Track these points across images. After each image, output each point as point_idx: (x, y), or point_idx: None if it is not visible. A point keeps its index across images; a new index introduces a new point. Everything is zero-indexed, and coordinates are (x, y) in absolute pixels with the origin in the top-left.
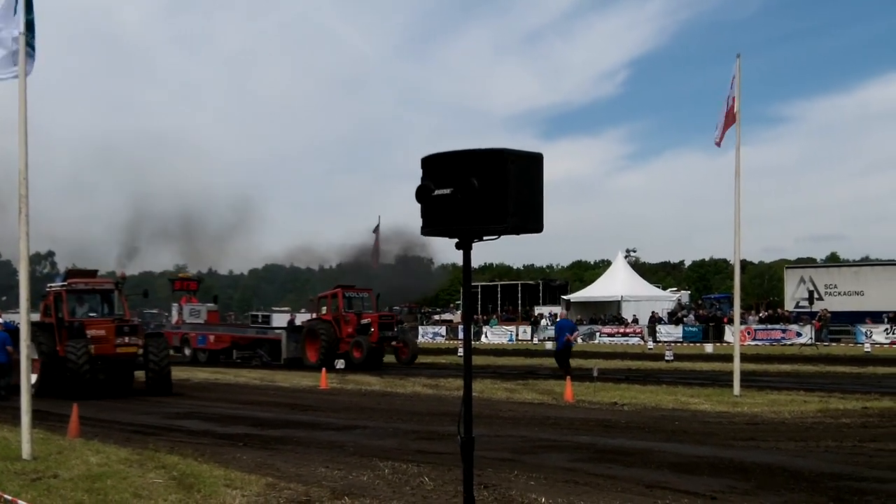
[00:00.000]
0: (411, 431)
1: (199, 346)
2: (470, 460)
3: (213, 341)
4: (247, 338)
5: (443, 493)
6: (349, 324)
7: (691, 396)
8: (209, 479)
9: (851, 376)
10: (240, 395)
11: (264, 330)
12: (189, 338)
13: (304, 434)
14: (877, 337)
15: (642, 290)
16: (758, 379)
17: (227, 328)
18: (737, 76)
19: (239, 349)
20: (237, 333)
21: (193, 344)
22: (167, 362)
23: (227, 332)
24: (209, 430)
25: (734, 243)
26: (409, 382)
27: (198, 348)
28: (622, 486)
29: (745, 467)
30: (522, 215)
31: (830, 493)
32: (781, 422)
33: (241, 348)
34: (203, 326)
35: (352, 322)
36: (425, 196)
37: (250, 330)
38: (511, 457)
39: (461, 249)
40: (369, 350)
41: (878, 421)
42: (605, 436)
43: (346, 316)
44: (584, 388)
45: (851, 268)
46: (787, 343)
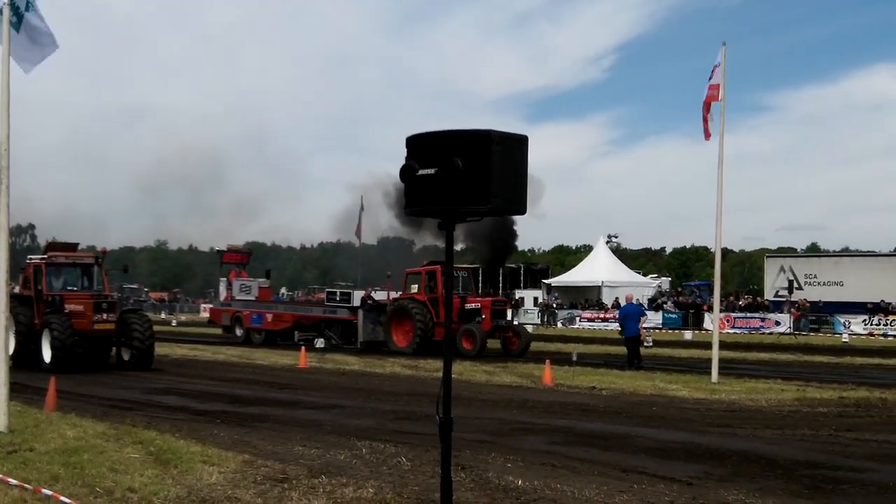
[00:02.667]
0: (390, 411)
1: (253, 326)
2: (448, 441)
3: (270, 320)
4: (312, 317)
5: (420, 473)
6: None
7: (669, 383)
8: (186, 455)
9: (829, 366)
10: (219, 372)
11: (334, 309)
12: (242, 316)
13: (282, 412)
14: (855, 327)
15: (623, 276)
16: (736, 367)
17: (289, 306)
18: (722, 64)
19: (302, 330)
20: (301, 312)
21: (247, 323)
22: (152, 339)
23: (290, 310)
24: (187, 407)
25: (715, 231)
26: (389, 363)
27: (252, 328)
28: (599, 470)
29: (722, 454)
30: (506, 197)
31: (805, 481)
32: (758, 409)
33: (305, 329)
34: (260, 304)
35: (453, 306)
36: (409, 176)
37: (316, 308)
38: (489, 439)
39: (444, 230)
40: (482, 342)
41: (854, 410)
42: (582, 420)
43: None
44: (562, 372)
45: (831, 258)
46: (765, 332)
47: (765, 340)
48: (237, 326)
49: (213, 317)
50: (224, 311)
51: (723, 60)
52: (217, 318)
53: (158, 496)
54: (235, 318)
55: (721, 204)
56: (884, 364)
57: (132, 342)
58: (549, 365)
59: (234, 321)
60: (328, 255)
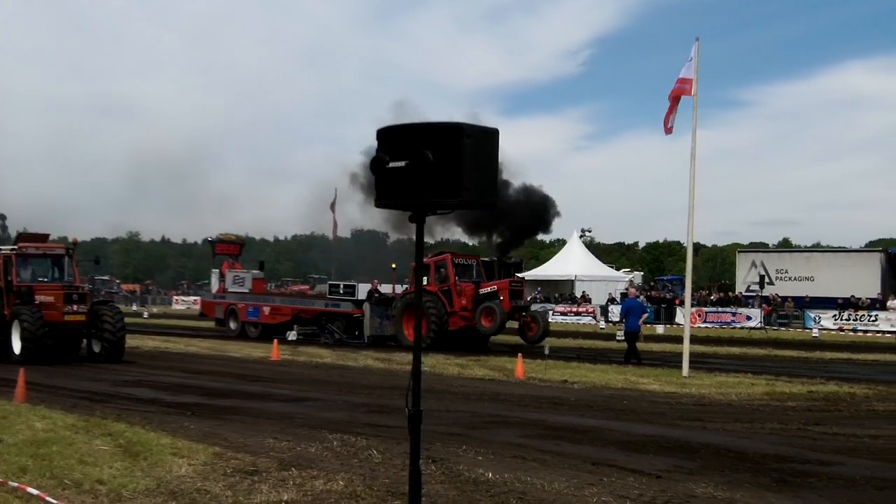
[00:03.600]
0: (362, 404)
1: (249, 319)
2: (417, 433)
3: (268, 314)
4: (312, 310)
5: (391, 465)
6: (463, 295)
7: (641, 376)
8: (156, 448)
9: (799, 360)
10: (190, 364)
11: (337, 302)
12: (237, 309)
13: (253, 405)
14: (825, 322)
15: (596, 270)
16: (707, 361)
17: (288, 298)
18: (695, 59)
19: (301, 324)
20: (301, 305)
21: (243, 316)
22: (123, 331)
23: (289, 303)
24: (158, 399)
25: (688, 226)
26: (362, 356)
27: (248, 321)
28: (569, 463)
29: (691, 447)
30: (477, 190)
31: (774, 475)
32: (728, 403)
33: (305, 323)
34: (256, 296)
35: (467, 293)
36: (380, 168)
37: (317, 302)
38: (460, 432)
39: (414, 223)
40: (502, 319)
41: (822, 405)
42: (554, 413)
43: (459, 286)
44: (534, 366)
45: (803, 253)
46: (737, 326)
47: (736, 335)
48: (231, 320)
49: (205, 310)
50: (217, 304)
51: (696, 55)
52: (209, 311)
53: (127, 488)
54: (230, 311)
55: (693, 199)
56: (853, 359)
57: (103, 334)
58: (522, 358)
59: (227, 314)
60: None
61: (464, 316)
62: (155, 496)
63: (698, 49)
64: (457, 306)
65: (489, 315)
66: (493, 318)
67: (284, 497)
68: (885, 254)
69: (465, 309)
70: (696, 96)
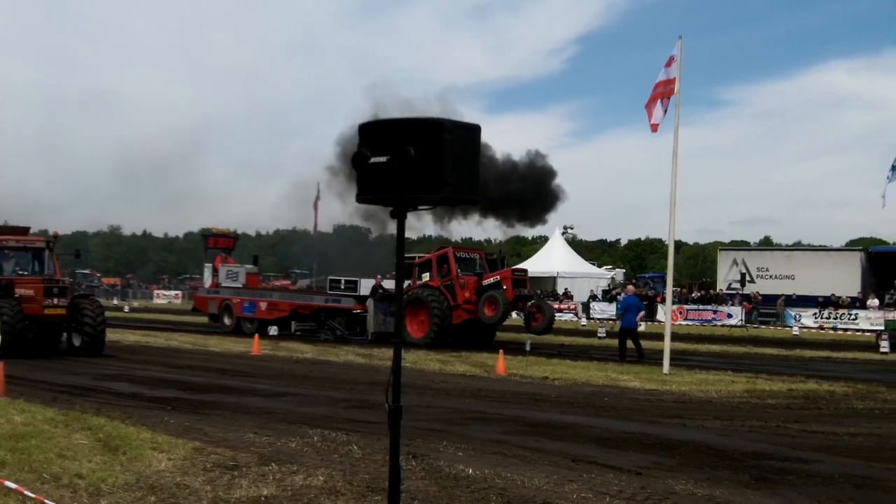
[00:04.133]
0: (343, 400)
1: (245, 315)
2: (397, 428)
3: (264, 309)
4: (311, 306)
5: (371, 461)
6: (467, 287)
7: (621, 373)
8: (135, 442)
9: (779, 358)
10: (171, 358)
11: (338, 298)
12: (231, 304)
13: (233, 399)
14: (805, 321)
15: (578, 267)
16: (687, 358)
17: (286, 294)
18: (678, 58)
19: (299, 320)
20: (299, 301)
21: (238, 311)
22: (103, 325)
23: (286, 298)
24: (138, 393)
25: (669, 224)
26: (343, 351)
27: (244, 317)
28: (549, 460)
29: (671, 444)
30: (458, 186)
31: (753, 472)
32: (708, 401)
33: (303, 319)
34: (253, 291)
35: (470, 286)
36: (361, 163)
37: (317, 297)
38: (441, 427)
39: (396, 218)
40: (506, 308)
41: (802, 402)
42: (534, 409)
43: (462, 279)
44: (516, 362)
45: (784, 252)
46: (717, 324)
47: (717, 332)
48: (226, 315)
49: (199, 304)
50: (211, 299)
51: (679, 54)
52: (203, 306)
53: (106, 483)
54: (224, 306)
55: (675, 197)
56: (833, 357)
57: (83, 328)
58: (503, 355)
59: (222, 309)
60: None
61: (467, 309)
62: (134, 490)
63: (681, 48)
64: (460, 299)
65: (492, 304)
66: (496, 307)
67: (264, 492)
68: (866, 253)
69: (468, 302)
70: (679, 95)
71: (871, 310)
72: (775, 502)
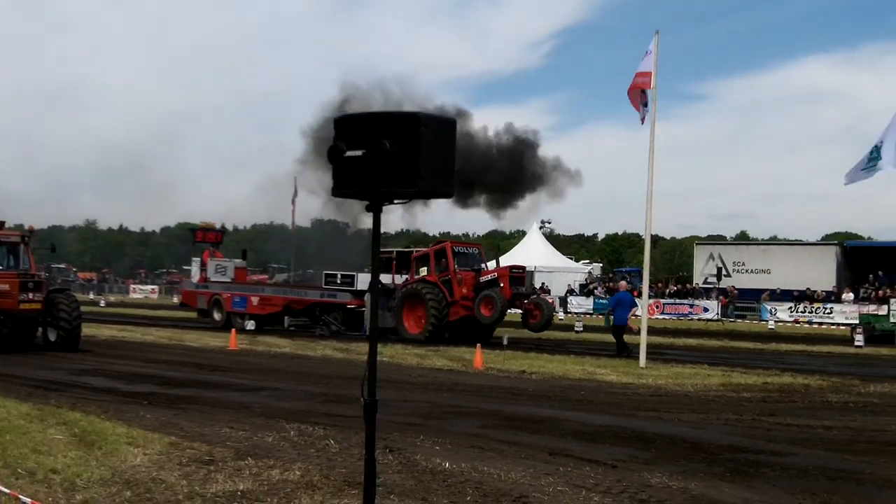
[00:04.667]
0: (320, 394)
1: (235, 310)
2: (372, 422)
3: (256, 304)
4: (305, 301)
5: (348, 455)
6: (464, 283)
7: (598, 367)
8: (111, 437)
9: (754, 352)
10: (147, 353)
11: (333, 293)
12: (221, 299)
13: (210, 394)
14: (781, 314)
15: (556, 262)
16: (664, 352)
17: (279, 288)
18: (654, 52)
19: (293, 315)
20: (292, 295)
21: (228, 306)
22: (79, 319)
23: (279, 293)
24: (114, 388)
25: (646, 218)
26: (320, 345)
27: (234, 312)
28: (526, 453)
29: (647, 437)
30: (434, 180)
31: (728, 465)
32: (684, 394)
33: (297, 314)
34: (244, 286)
35: (468, 281)
36: (336, 157)
37: (311, 292)
38: (418, 422)
39: (371, 212)
40: (503, 308)
41: (777, 396)
42: (512, 403)
43: (460, 275)
44: (493, 356)
45: (760, 246)
46: (694, 318)
47: (693, 326)
48: (215, 310)
49: (187, 299)
50: (200, 294)
51: (655, 49)
52: (191, 301)
53: (82, 477)
54: (214, 301)
55: (651, 191)
56: (808, 351)
57: (59, 322)
58: (480, 349)
59: (211, 304)
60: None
61: (465, 305)
62: (109, 485)
63: (658, 42)
64: (457, 295)
65: (488, 304)
66: (493, 307)
67: (240, 487)
68: (841, 247)
69: (465, 298)
70: (656, 89)
71: (846, 304)
72: (750, 495)
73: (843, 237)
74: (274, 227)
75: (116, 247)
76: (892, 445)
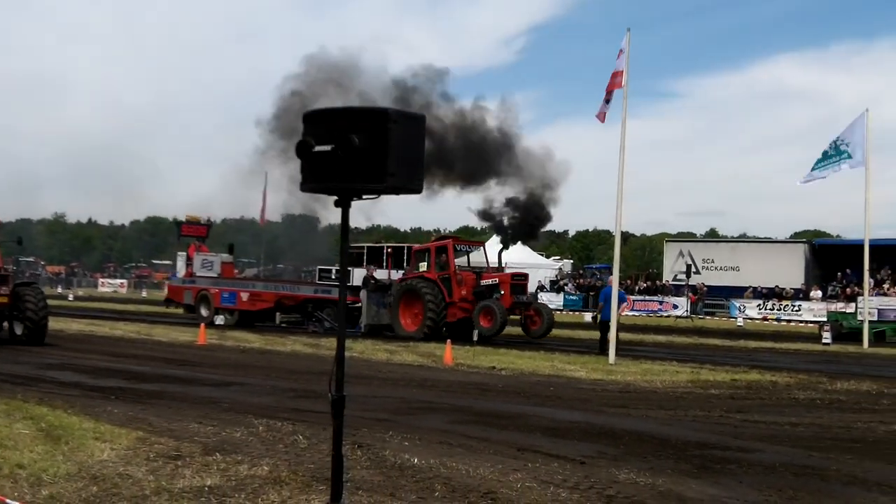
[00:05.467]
0: (289, 389)
1: (224, 306)
2: (340, 418)
3: (246, 300)
4: (297, 297)
5: (316, 451)
6: (464, 285)
7: (568, 363)
8: (78, 432)
9: (723, 349)
10: (115, 347)
11: (328, 289)
12: (209, 294)
13: (178, 389)
14: (750, 312)
15: (526, 258)
16: (633, 349)
17: (270, 284)
18: (626, 50)
19: (284, 311)
20: (284, 291)
21: (216, 302)
22: (45, 312)
23: (270, 289)
24: (81, 383)
25: (616, 215)
26: (290, 341)
27: (223, 307)
28: (495, 449)
29: (616, 433)
30: (402, 175)
31: (695, 461)
32: (653, 391)
33: (288, 310)
34: (233, 281)
35: (468, 282)
36: (305, 152)
37: (304, 288)
38: (387, 417)
39: (340, 207)
40: (503, 320)
41: (745, 393)
42: (481, 399)
43: (460, 275)
44: (463, 352)
45: (729, 243)
46: (663, 314)
47: (662, 323)
48: (203, 306)
49: (173, 295)
50: (186, 289)
51: (627, 47)
52: (178, 297)
53: (48, 473)
54: (201, 296)
55: (622, 188)
56: (776, 348)
57: (25, 315)
58: (450, 345)
59: (199, 300)
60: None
61: (463, 308)
62: (76, 481)
63: (629, 40)
64: (456, 296)
65: (488, 315)
66: (493, 320)
67: (208, 482)
68: (809, 245)
69: (464, 300)
70: (627, 87)
71: (815, 301)
72: (717, 491)
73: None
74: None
75: (85, 240)
76: (857, 442)
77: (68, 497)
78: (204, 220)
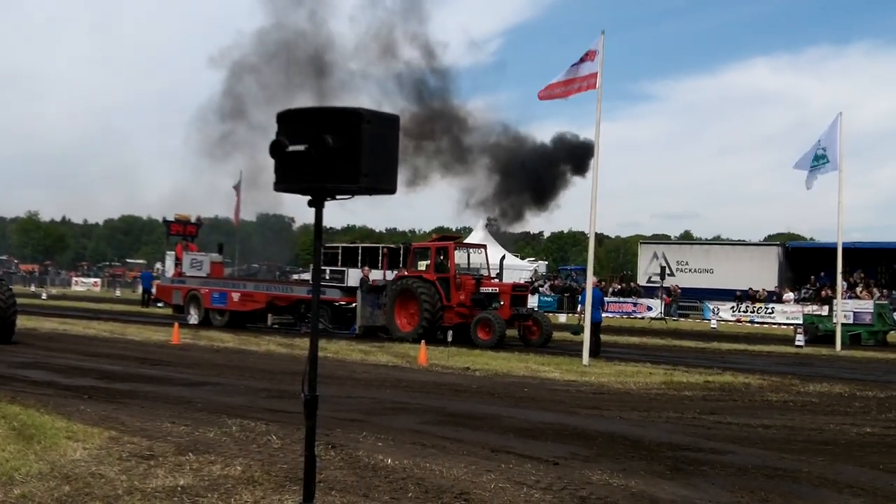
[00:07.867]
0: (263, 389)
1: (215, 306)
2: (313, 418)
3: (237, 300)
4: (290, 298)
5: (290, 451)
6: (463, 289)
7: (542, 364)
8: (50, 431)
9: (696, 351)
10: (88, 346)
11: (322, 289)
12: (199, 295)
13: (151, 388)
14: (723, 314)
15: None
16: (607, 350)
17: (262, 284)
18: (600, 52)
19: (277, 312)
20: (277, 291)
21: (207, 303)
22: (13, 309)
23: (262, 289)
24: (53, 382)
25: (590, 217)
26: (264, 340)
27: (213, 308)
28: (468, 450)
29: (589, 435)
30: (376, 175)
31: (668, 462)
32: (626, 392)
33: (280, 311)
34: (224, 281)
35: (467, 287)
36: (279, 152)
37: (297, 288)
38: (361, 418)
39: (313, 207)
40: (501, 333)
41: (718, 395)
42: (455, 400)
43: (459, 279)
44: (437, 353)
45: (703, 246)
46: (637, 316)
47: (636, 325)
48: (192, 306)
49: (162, 294)
50: (175, 289)
51: (601, 49)
52: (166, 297)
53: (20, 472)
54: (190, 296)
55: (596, 190)
56: (749, 350)
57: None
58: (425, 345)
59: (188, 300)
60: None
61: (460, 313)
62: (48, 480)
63: (604, 43)
64: (454, 301)
65: (486, 327)
66: (491, 333)
67: (181, 482)
68: (783, 248)
69: (462, 305)
70: (601, 89)
71: (787, 304)
72: (689, 492)
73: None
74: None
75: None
76: (829, 445)
77: (40, 496)
78: (194, 220)
